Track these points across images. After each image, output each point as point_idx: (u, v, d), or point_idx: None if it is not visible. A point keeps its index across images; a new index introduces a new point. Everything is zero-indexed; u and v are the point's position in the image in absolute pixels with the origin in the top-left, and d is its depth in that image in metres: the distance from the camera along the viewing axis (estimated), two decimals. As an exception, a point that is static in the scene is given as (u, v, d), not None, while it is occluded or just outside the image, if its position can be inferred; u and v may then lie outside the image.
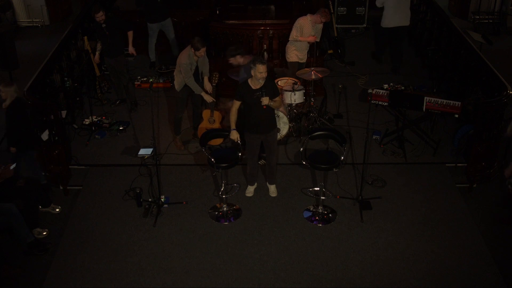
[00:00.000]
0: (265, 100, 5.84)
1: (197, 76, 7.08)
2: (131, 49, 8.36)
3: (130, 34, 8.27)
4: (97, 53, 8.20)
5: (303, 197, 6.52)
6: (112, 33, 7.92)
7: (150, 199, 6.43)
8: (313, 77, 7.45)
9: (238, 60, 6.86)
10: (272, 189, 6.56)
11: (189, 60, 6.82)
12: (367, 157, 6.36)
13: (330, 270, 5.51)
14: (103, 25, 7.91)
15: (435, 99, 6.79)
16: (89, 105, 8.05)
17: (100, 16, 7.84)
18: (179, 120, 7.35)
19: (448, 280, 5.38)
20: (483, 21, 11.57)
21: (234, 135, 6.12)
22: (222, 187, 6.25)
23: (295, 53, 7.92)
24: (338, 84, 8.23)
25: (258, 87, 5.88)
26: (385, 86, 8.86)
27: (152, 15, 9.33)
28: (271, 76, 6.60)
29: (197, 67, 7.00)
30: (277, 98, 6.02)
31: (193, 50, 6.78)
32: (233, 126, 6.15)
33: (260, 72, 5.75)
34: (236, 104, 6.06)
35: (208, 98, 7.06)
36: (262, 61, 5.77)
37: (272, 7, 9.91)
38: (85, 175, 6.94)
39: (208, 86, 7.17)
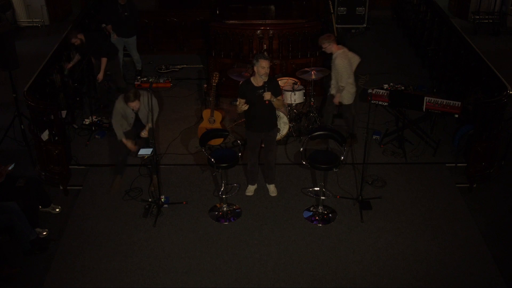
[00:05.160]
0: (267, 95, 5.83)
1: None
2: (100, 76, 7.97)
3: (104, 61, 7.87)
4: (71, 63, 7.93)
5: (303, 197, 6.52)
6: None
7: (150, 199, 6.43)
8: (313, 77, 7.45)
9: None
10: (272, 189, 6.56)
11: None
12: (367, 157, 6.36)
13: (330, 270, 5.51)
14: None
15: (435, 99, 6.79)
16: (89, 105, 8.05)
17: (74, 40, 7.65)
18: (122, 162, 6.72)
19: (448, 280, 5.38)
20: (483, 21, 11.58)
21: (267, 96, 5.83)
22: (222, 187, 6.25)
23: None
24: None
25: (260, 84, 5.88)
26: (385, 86, 8.85)
27: (116, 29, 8.79)
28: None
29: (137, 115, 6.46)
30: (279, 97, 6.01)
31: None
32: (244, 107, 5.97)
33: (262, 67, 5.74)
34: (241, 102, 6.02)
35: (131, 146, 6.49)
36: (265, 57, 5.77)
37: (272, 7, 9.91)
38: (85, 175, 6.94)
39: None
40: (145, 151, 6.12)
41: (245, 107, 5.96)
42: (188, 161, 7.21)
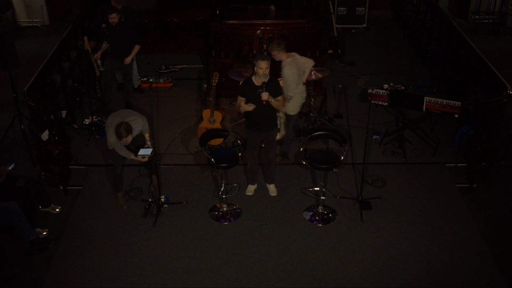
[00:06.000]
0: (264, 96, 5.84)
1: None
2: (128, 60, 8.01)
3: (136, 48, 8.01)
4: (100, 52, 8.02)
5: (303, 197, 6.52)
6: (121, 35, 7.87)
7: (150, 199, 6.42)
8: (313, 77, 7.45)
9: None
10: (272, 189, 6.56)
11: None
12: (367, 157, 6.36)
13: (330, 270, 5.51)
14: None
15: (435, 99, 6.79)
16: (89, 105, 8.05)
17: (113, 18, 7.73)
18: (119, 175, 6.35)
19: (448, 280, 5.38)
20: (483, 21, 11.58)
21: (265, 96, 5.86)
22: (222, 187, 6.25)
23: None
24: (338, 84, 8.22)
25: (260, 84, 5.88)
26: (385, 86, 8.86)
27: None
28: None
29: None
30: (279, 98, 6.01)
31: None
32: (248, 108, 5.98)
33: (261, 68, 5.75)
34: (241, 100, 6.03)
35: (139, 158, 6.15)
36: (263, 57, 5.77)
37: (272, 7, 9.90)
38: (85, 175, 6.94)
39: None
40: (144, 151, 6.11)
41: (250, 107, 5.94)
42: (188, 161, 7.21)
